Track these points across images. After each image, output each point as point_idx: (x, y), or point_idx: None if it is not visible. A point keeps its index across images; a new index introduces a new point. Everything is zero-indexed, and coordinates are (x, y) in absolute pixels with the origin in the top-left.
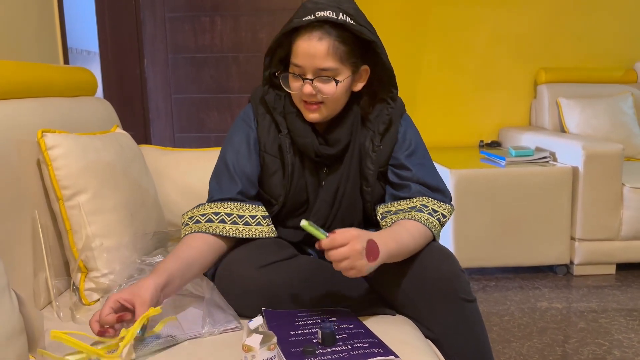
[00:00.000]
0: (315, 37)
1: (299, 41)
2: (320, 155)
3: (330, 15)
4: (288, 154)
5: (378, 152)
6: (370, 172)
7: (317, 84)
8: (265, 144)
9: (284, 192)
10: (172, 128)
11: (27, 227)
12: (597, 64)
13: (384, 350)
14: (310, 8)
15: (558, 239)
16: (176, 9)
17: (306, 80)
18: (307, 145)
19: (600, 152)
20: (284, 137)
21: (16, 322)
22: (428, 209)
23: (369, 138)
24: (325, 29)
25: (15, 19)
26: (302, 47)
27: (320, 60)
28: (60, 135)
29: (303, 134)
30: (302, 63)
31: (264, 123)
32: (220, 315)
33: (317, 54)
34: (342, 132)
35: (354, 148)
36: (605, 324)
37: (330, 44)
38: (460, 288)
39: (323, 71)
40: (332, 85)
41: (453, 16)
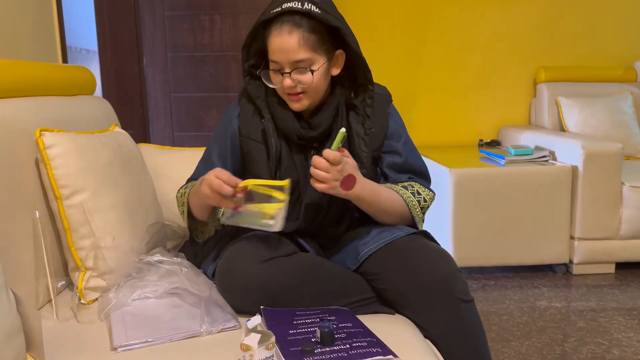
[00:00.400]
0: (285, 31)
1: (271, 37)
2: (302, 137)
3: (296, 5)
4: (272, 137)
5: (370, 134)
6: (364, 154)
7: (295, 76)
8: (249, 131)
9: (269, 175)
10: (171, 127)
11: (25, 227)
12: (596, 62)
13: (383, 349)
14: (278, 1)
15: (557, 238)
16: (175, 7)
17: (285, 74)
18: (289, 129)
19: (600, 151)
20: (267, 122)
21: (14, 321)
22: (413, 189)
23: (359, 123)
24: (294, 21)
25: (13, 18)
26: (275, 43)
27: (294, 53)
28: (59, 134)
29: (285, 118)
30: (277, 58)
31: (247, 111)
32: (218, 313)
33: (289, 48)
34: (323, 116)
35: (339, 129)
36: (604, 323)
37: (300, 36)
38: (458, 288)
39: (298, 63)
40: (309, 75)
41: (453, 15)
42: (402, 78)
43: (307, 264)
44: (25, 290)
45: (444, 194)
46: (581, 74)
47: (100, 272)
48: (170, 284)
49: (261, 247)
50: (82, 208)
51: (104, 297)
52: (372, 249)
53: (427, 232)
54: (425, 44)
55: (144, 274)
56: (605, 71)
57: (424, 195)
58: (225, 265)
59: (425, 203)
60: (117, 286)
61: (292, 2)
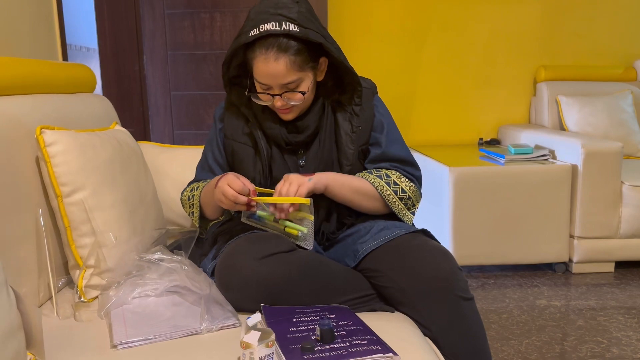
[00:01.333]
0: (272, 58)
1: (257, 62)
2: (290, 143)
3: (273, 27)
4: (261, 139)
5: (357, 132)
6: (350, 152)
7: (286, 95)
8: (234, 134)
9: (262, 174)
10: (171, 125)
11: (26, 224)
12: (596, 61)
13: (383, 347)
14: (254, 20)
15: (557, 237)
16: (175, 5)
17: (275, 96)
18: (277, 136)
19: (600, 150)
20: (253, 127)
21: (14, 319)
22: (389, 179)
23: (346, 120)
24: (280, 46)
25: (13, 15)
26: (261, 69)
27: (282, 77)
28: (59, 132)
29: (271, 126)
30: (266, 82)
31: (232, 113)
32: (218, 311)
33: (277, 73)
34: (310, 119)
35: (325, 131)
36: (603, 321)
37: (286, 61)
38: (458, 286)
39: (288, 85)
40: (300, 95)
41: (453, 14)
42: (402, 77)
43: (306, 260)
44: (26, 288)
45: (444, 192)
46: (581, 73)
47: (101, 270)
48: (171, 282)
49: (260, 244)
50: (82, 206)
51: (104, 295)
52: (372, 247)
53: (427, 231)
54: (425, 43)
55: (144, 272)
56: (605, 70)
57: (402, 186)
58: (224, 261)
59: (404, 194)
60: (117, 284)
61: (270, 24)
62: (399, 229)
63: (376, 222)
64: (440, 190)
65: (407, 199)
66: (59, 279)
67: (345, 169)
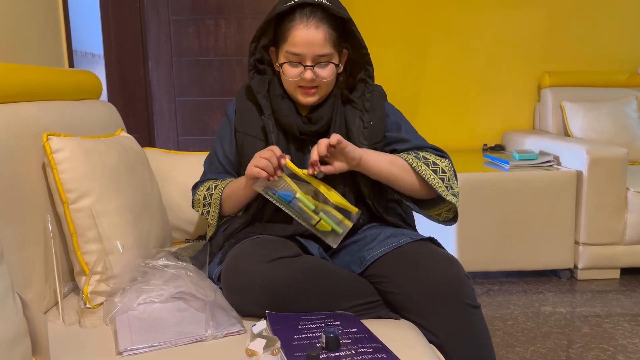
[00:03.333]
0: (313, 25)
1: (296, 30)
2: (304, 132)
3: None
4: (272, 133)
5: (369, 127)
6: (363, 148)
7: (316, 70)
8: (245, 127)
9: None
10: (176, 130)
11: (32, 230)
12: (601, 67)
13: (388, 355)
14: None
15: (562, 243)
16: (180, 11)
17: (307, 67)
18: (292, 124)
19: (605, 156)
20: (267, 119)
21: (20, 325)
22: (427, 159)
23: (358, 117)
24: (319, 17)
25: (20, 22)
26: (301, 36)
27: (319, 47)
28: (66, 139)
29: (287, 113)
30: (301, 51)
31: (243, 108)
32: (223, 318)
33: (316, 41)
34: (324, 111)
35: (335, 124)
36: (609, 329)
37: (325, 31)
38: (465, 294)
39: (321, 57)
40: (330, 69)
41: (456, 20)
42: (405, 82)
43: (312, 265)
44: (32, 294)
45: None
46: (585, 79)
47: (106, 277)
48: (176, 288)
49: (266, 249)
50: (88, 212)
51: (109, 301)
52: (379, 254)
53: (434, 239)
54: (429, 49)
55: (149, 278)
56: (610, 76)
57: (441, 165)
58: (230, 264)
59: (444, 174)
60: (123, 290)
61: None
62: (406, 236)
63: (383, 229)
64: None
65: (448, 180)
66: (64, 285)
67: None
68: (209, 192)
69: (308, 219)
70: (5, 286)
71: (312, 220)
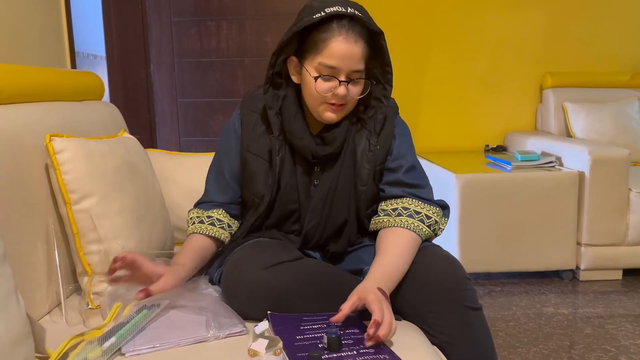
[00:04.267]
0: (352, 39)
1: (334, 42)
2: (317, 156)
3: (340, 9)
4: (277, 155)
5: (375, 151)
6: (365, 172)
7: (348, 86)
8: (249, 144)
9: (268, 192)
10: (177, 132)
11: (35, 231)
12: (603, 68)
13: (390, 356)
14: (317, 7)
15: (564, 244)
16: (182, 13)
17: (342, 82)
18: (305, 147)
19: (607, 157)
20: (275, 139)
21: (23, 325)
22: (420, 215)
23: (364, 137)
24: (358, 31)
25: (22, 24)
26: (340, 49)
27: (356, 63)
28: (68, 140)
29: (301, 135)
30: (337, 65)
31: (249, 122)
32: (225, 319)
33: (354, 56)
34: (338, 131)
35: (348, 146)
36: (611, 329)
37: (362, 47)
38: (466, 297)
39: (355, 73)
40: (361, 87)
41: (458, 21)
42: (407, 83)
43: (313, 268)
44: (35, 294)
45: (450, 199)
46: (587, 80)
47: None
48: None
49: (266, 253)
50: (90, 213)
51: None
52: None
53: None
54: (431, 50)
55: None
56: (612, 77)
57: (435, 217)
58: (231, 269)
59: (429, 220)
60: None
61: (336, 7)
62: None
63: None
64: (447, 197)
65: (435, 224)
66: (67, 285)
67: (359, 189)
68: (192, 219)
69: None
70: (8, 287)
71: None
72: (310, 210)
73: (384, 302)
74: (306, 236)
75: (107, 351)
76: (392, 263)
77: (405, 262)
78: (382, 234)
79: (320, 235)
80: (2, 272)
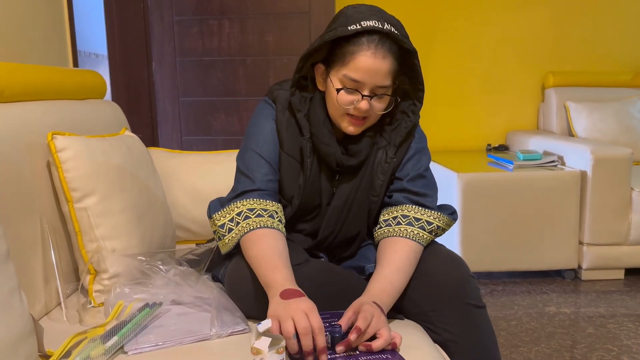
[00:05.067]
0: (380, 54)
1: (362, 56)
2: (341, 165)
3: (376, 25)
4: (308, 158)
5: (391, 163)
6: (379, 182)
7: (372, 101)
8: (282, 142)
9: (298, 195)
10: (179, 131)
11: (37, 229)
12: (605, 67)
13: (393, 355)
14: (352, 16)
15: (566, 244)
16: (184, 12)
17: (365, 96)
18: (330, 155)
19: (609, 157)
20: (306, 141)
21: (26, 323)
22: (420, 222)
23: (382, 149)
24: (388, 46)
25: (25, 22)
26: (366, 64)
27: (382, 78)
28: (70, 138)
29: (328, 142)
30: (362, 78)
31: (283, 120)
32: (228, 317)
33: (380, 72)
34: (363, 144)
35: (369, 160)
36: (613, 329)
37: (391, 63)
38: (471, 294)
39: (380, 88)
40: (385, 102)
41: (460, 20)
42: None
43: (317, 269)
44: (37, 292)
45: (452, 198)
46: (589, 79)
47: (110, 275)
48: (174, 293)
49: None
50: (91, 212)
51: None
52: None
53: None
54: (433, 49)
55: (151, 279)
56: (614, 76)
57: (436, 223)
58: (235, 271)
59: (431, 226)
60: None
61: (371, 21)
62: None
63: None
64: (449, 196)
65: (437, 229)
66: (69, 284)
67: (371, 199)
68: (245, 212)
69: None
70: (11, 286)
71: None
72: (326, 219)
73: (376, 314)
74: (318, 243)
75: (109, 349)
76: (389, 279)
77: (404, 276)
78: (382, 245)
79: (331, 242)
80: (5, 270)
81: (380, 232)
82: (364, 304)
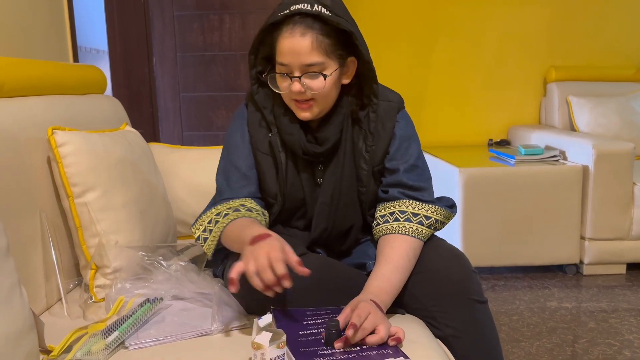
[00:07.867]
0: (298, 32)
1: (282, 39)
2: (308, 153)
3: (305, 7)
4: (280, 152)
5: (371, 151)
6: (364, 173)
7: (305, 81)
8: (256, 141)
9: (280, 191)
10: (180, 126)
11: (37, 224)
12: (607, 62)
13: (394, 351)
14: (286, 3)
15: (568, 239)
16: (185, 7)
17: (294, 78)
18: (294, 143)
19: (611, 151)
20: (274, 136)
21: (27, 318)
22: (418, 217)
23: (361, 138)
24: (306, 23)
25: (25, 17)
26: (286, 45)
27: (306, 56)
28: (71, 133)
29: (290, 131)
30: (287, 61)
31: (254, 120)
32: (229, 312)
33: (301, 50)
34: (330, 130)
35: (346, 146)
36: (615, 324)
37: (313, 38)
38: (472, 289)
39: (310, 67)
40: (321, 81)
41: (463, 14)
42: (411, 78)
43: (317, 264)
44: (38, 288)
45: (454, 193)
46: (592, 74)
47: (111, 270)
48: (175, 288)
49: None
50: (93, 206)
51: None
52: None
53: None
54: (435, 44)
55: (152, 274)
56: (616, 70)
57: (434, 217)
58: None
59: (429, 220)
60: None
61: (302, 4)
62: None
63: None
64: (450, 191)
65: (435, 222)
66: (71, 279)
67: (360, 190)
68: (214, 218)
69: None
70: (12, 281)
71: None
72: (316, 215)
73: (373, 311)
74: (314, 239)
75: (110, 344)
76: (387, 277)
77: (403, 274)
78: (381, 243)
79: (327, 238)
80: (5, 265)
81: (379, 229)
82: (360, 302)
